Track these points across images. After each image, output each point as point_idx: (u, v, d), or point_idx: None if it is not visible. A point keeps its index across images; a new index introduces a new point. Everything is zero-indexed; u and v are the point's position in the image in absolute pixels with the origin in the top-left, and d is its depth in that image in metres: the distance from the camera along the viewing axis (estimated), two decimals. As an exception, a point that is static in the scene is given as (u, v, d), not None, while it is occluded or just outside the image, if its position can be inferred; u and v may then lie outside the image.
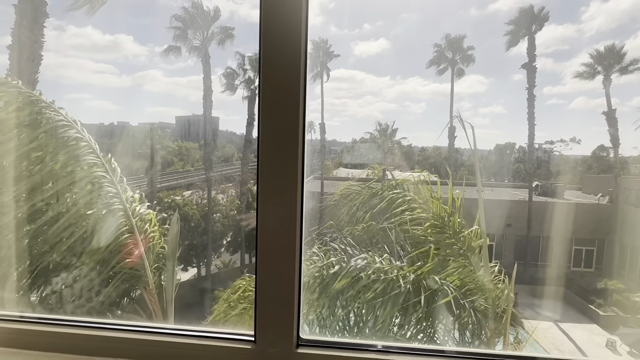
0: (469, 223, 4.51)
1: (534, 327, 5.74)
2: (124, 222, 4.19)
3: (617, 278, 16.58)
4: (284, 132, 1.33)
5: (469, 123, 4.89)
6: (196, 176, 23.22)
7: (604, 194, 19.78)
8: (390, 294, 3.85)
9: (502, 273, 4.45)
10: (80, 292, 3.91)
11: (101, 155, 4.37)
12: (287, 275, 1.39)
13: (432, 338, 4.04)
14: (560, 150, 25.86)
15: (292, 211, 1.35)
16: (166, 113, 26.73)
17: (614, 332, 13.04)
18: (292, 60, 1.31)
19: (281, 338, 1.43)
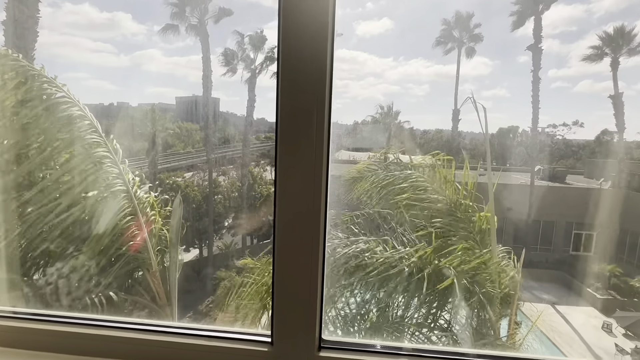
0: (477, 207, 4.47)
1: (537, 313, 5.79)
2: (126, 203, 4.14)
3: (616, 262, 16.71)
4: (307, 113, 1.17)
5: (481, 104, 4.76)
6: (197, 158, 23.11)
7: (606, 178, 19.70)
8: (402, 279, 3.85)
9: (510, 256, 4.43)
10: (83, 275, 3.90)
11: (103, 135, 4.29)
12: (308, 269, 1.25)
13: (439, 322, 4.06)
14: (563, 134, 25.63)
15: (315, 201, 1.20)
16: (166, 94, 26.38)
17: (610, 315, 13.24)
18: (318, 20, 1.12)
19: (301, 339, 1.29)
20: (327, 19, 1.13)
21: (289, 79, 1.17)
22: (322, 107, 1.17)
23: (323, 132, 1.18)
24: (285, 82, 1.17)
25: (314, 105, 1.16)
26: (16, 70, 3.92)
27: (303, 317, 1.29)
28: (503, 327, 4.26)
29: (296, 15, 1.13)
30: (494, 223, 4.27)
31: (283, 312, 1.31)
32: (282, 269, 1.28)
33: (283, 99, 1.18)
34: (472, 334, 4.01)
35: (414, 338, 4.09)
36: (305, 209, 1.21)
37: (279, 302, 1.30)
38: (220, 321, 8.96)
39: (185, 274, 14.69)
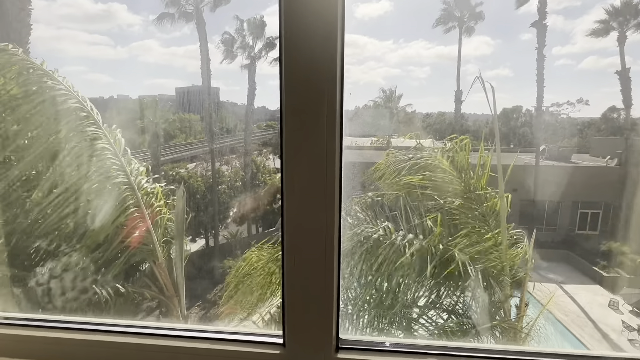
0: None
1: (545, 293, 5.79)
2: (129, 195, 4.12)
3: (622, 240, 16.66)
4: (317, 97, 1.06)
5: (490, 84, 4.66)
6: (199, 148, 23.09)
7: (612, 156, 19.47)
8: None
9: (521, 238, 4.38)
10: (87, 269, 3.91)
11: (104, 126, 4.23)
12: (322, 263, 1.13)
13: (449, 304, 4.06)
14: (568, 113, 25.27)
15: (328, 190, 1.09)
16: (165, 85, 26.20)
17: (617, 292, 13.26)
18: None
19: (316, 340, 1.17)
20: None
21: (294, 62, 1.05)
22: (333, 90, 1.05)
23: (335, 117, 1.07)
24: (290, 66, 1.06)
25: (324, 89, 1.05)
26: (16, 64, 3.85)
27: (318, 315, 1.17)
28: (512, 309, 4.27)
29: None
30: (505, 205, 4.22)
31: (295, 311, 1.19)
32: (292, 262, 1.17)
33: (288, 84, 1.06)
34: (482, 316, 4.02)
35: (422, 320, 4.11)
36: (317, 199, 1.10)
37: (289, 299, 1.18)
38: (228, 309, 9.04)
39: (193, 264, 14.84)
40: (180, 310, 4.64)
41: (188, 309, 13.29)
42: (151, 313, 11.87)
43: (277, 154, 28.57)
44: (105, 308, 3.80)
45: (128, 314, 4.27)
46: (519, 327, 4.08)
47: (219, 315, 12.74)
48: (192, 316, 12.72)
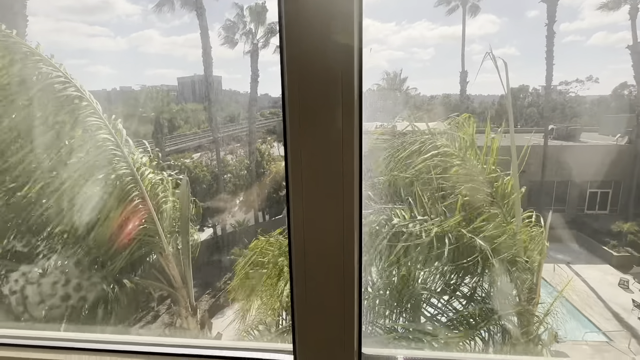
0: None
1: (557, 276, 5.70)
2: (133, 187, 4.08)
3: (632, 219, 16.46)
4: (331, 76, 0.90)
5: (502, 60, 4.49)
6: (204, 138, 23.06)
7: (622, 134, 19.09)
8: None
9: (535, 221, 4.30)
10: (93, 261, 3.91)
11: (104, 116, 4.15)
12: (340, 265, 0.95)
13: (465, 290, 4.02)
14: (576, 91, 24.71)
15: (346, 183, 0.94)
16: (167, 75, 26.06)
17: (627, 271, 13.17)
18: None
19: (334, 357, 1.01)
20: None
21: (299, 34, 0.90)
22: (351, 69, 0.90)
23: (353, 100, 0.91)
24: (295, 39, 0.90)
25: (338, 68, 0.89)
26: (8, 48, 3.74)
27: (335, 327, 0.99)
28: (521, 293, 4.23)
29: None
30: (518, 187, 4.11)
31: (307, 322, 1.01)
32: (303, 265, 0.98)
33: (292, 61, 0.91)
34: (499, 302, 3.97)
35: (437, 305, 4.08)
36: (332, 195, 0.95)
37: (300, 308, 1.00)
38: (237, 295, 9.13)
39: (201, 253, 14.98)
40: (189, 301, 4.67)
41: (198, 297, 13.50)
42: (160, 304, 12.07)
43: (281, 141, 28.47)
44: (113, 303, 3.81)
45: (136, 307, 4.29)
46: (534, 311, 4.04)
47: (228, 303, 12.92)
48: (202, 304, 12.92)
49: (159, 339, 1.27)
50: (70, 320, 3.82)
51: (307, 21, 0.89)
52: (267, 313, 4.63)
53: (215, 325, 9.66)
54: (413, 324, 4.06)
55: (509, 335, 3.95)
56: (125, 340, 1.25)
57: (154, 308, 12.16)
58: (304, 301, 1.00)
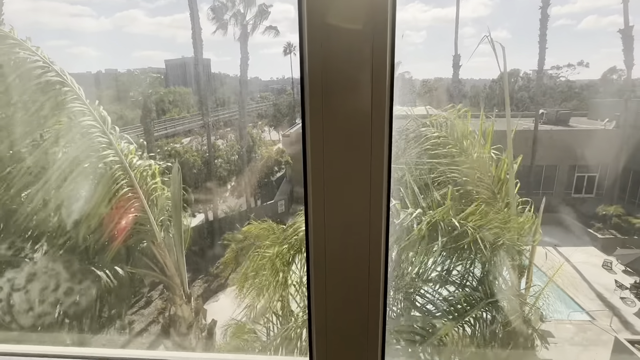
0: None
1: (552, 264, 5.82)
2: (121, 175, 3.96)
3: (617, 202, 16.85)
4: (358, 52, 0.79)
5: (500, 43, 4.43)
6: (193, 122, 22.67)
7: (610, 118, 19.32)
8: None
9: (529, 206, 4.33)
10: (83, 251, 3.83)
11: (87, 102, 3.98)
12: (365, 274, 0.87)
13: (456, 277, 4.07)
14: (567, 76, 24.82)
15: (374, 188, 0.83)
16: (154, 57, 25.38)
17: (611, 253, 13.55)
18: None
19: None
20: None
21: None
22: (383, 46, 0.79)
23: (385, 83, 0.80)
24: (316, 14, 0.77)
25: (368, 43, 0.78)
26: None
27: (357, 345, 0.92)
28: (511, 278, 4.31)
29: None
30: (513, 173, 4.12)
31: (326, 339, 0.93)
32: (323, 273, 0.89)
33: (313, 41, 0.79)
34: (490, 288, 4.04)
35: (428, 294, 4.14)
36: (359, 188, 0.84)
37: (318, 323, 0.92)
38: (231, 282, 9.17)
39: (193, 239, 14.94)
40: (183, 289, 4.66)
41: (190, 282, 13.53)
42: (153, 290, 12.07)
43: (272, 125, 28.15)
44: (105, 292, 3.78)
45: (128, 297, 4.26)
46: (526, 296, 4.13)
47: (222, 287, 12.98)
48: (194, 289, 12.96)
49: (167, 354, 1.17)
50: (60, 314, 3.77)
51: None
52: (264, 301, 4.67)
53: (209, 311, 9.69)
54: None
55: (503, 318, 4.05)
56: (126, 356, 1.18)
57: (146, 296, 12.17)
58: (322, 313, 0.92)
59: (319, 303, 0.91)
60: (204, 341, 4.90)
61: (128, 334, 10.58)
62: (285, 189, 19.81)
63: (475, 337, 4.04)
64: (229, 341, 4.75)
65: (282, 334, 4.48)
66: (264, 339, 4.73)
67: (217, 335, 5.18)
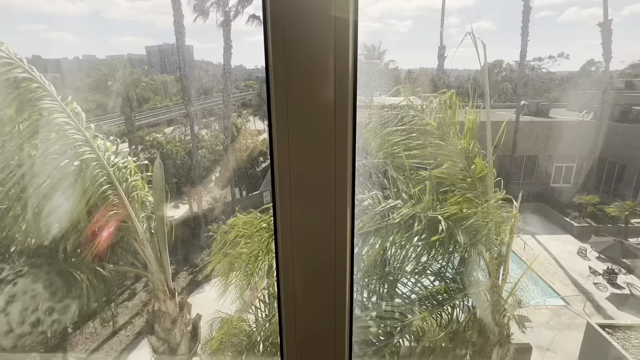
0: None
1: (530, 251, 6.00)
2: (99, 173, 3.85)
3: (593, 192, 17.45)
4: (321, 40, 0.77)
5: (481, 41, 4.46)
6: (176, 111, 22.19)
7: (588, 110, 19.86)
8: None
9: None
10: (63, 252, 3.75)
11: (59, 98, 3.81)
12: (331, 277, 0.89)
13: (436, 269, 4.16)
14: (548, 67, 25.30)
15: (339, 179, 0.83)
16: (134, 43, 24.61)
17: (585, 241, 14.07)
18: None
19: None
20: None
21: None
22: (345, 36, 0.77)
23: (347, 66, 0.79)
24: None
25: (331, 36, 0.77)
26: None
27: (324, 352, 0.95)
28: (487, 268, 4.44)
29: None
30: (492, 167, 4.19)
31: (295, 343, 0.96)
32: (291, 287, 0.90)
33: (276, 30, 0.78)
34: (469, 278, 4.15)
35: (409, 284, 4.23)
36: (324, 189, 0.84)
37: (289, 332, 0.94)
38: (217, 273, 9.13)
39: (177, 230, 14.79)
40: (167, 285, 4.63)
41: (175, 275, 13.44)
42: (135, 292, 11.93)
43: (257, 115, 27.84)
44: (84, 292, 3.70)
45: (110, 295, 4.21)
46: (502, 287, 4.27)
47: (207, 279, 12.94)
48: (179, 281, 12.89)
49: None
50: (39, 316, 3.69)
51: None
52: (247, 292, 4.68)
53: (194, 301, 9.64)
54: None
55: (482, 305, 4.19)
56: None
57: (129, 292, 12.04)
58: (291, 319, 0.94)
59: (288, 295, 0.93)
60: (189, 336, 4.91)
61: (112, 327, 10.49)
62: (271, 180, 19.74)
63: (454, 323, 4.17)
64: (215, 335, 4.79)
65: (266, 323, 4.53)
66: (251, 328, 4.77)
67: (203, 329, 5.20)
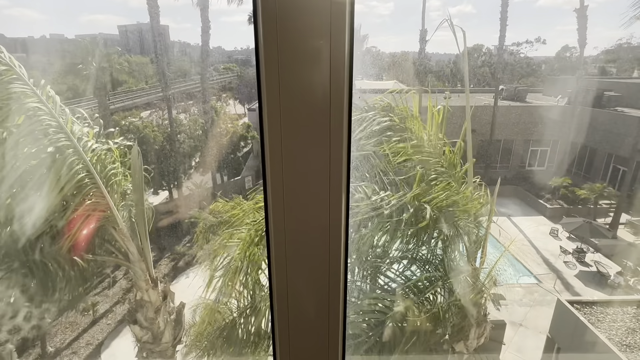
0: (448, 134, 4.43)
1: (505, 233, 6.20)
2: (75, 160, 3.68)
3: (566, 175, 18.14)
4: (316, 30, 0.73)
5: (460, 28, 4.46)
6: (153, 94, 21.42)
7: (563, 95, 20.42)
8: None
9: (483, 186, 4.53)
10: (40, 242, 3.61)
11: (31, 81, 3.59)
12: (325, 271, 0.88)
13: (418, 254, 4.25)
14: (526, 52, 25.73)
15: (334, 173, 0.81)
16: (105, 22, 23.45)
17: (557, 221, 14.70)
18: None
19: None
20: None
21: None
22: (342, 12, 0.73)
23: (343, 57, 0.76)
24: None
25: (327, 18, 0.73)
26: None
27: (317, 341, 0.94)
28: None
29: None
30: (470, 152, 4.26)
31: (288, 335, 0.95)
32: (284, 279, 0.90)
33: (267, 11, 0.73)
34: (449, 264, 4.28)
35: (390, 273, 4.32)
36: (319, 185, 0.82)
37: (282, 325, 0.94)
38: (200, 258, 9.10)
39: (158, 217, 14.54)
40: (149, 274, 4.55)
41: (157, 262, 13.28)
42: (116, 280, 11.73)
43: (237, 99, 27.25)
44: (59, 284, 3.59)
45: (88, 285, 4.11)
46: (480, 270, 4.43)
47: (190, 264, 12.87)
48: (161, 268, 12.76)
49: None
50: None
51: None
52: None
53: (177, 288, 9.58)
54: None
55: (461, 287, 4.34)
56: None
57: (110, 280, 11.83)
58: (284, 310, 0.93)
59: (281, 296, 0.91)
60: (173, 324, 4.89)
61: (92, 315, 10.34)
62: (252, 165, 19.54)
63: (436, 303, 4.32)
64: (198, 320, 4.79)
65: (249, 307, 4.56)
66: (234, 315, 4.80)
67: (186, 316, 5.19)
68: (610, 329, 7.00)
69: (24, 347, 8.96)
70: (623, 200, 15.03)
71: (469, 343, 4.86)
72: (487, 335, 5.08)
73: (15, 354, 6.13)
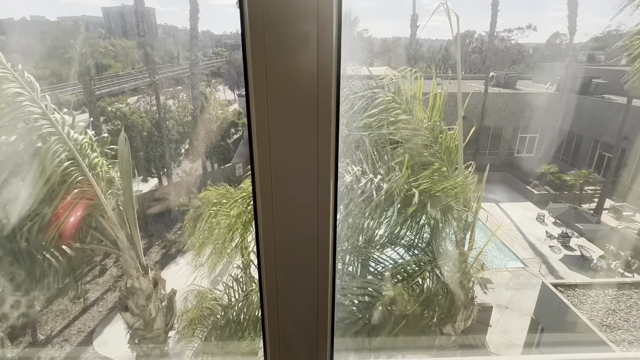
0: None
1: (493, 218, 6.31)
2: (60, 148, 3.59)
3: (552, 161, 18.43)
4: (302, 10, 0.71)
5: (454, 12, 4.42)
6: (140, 79, 20.94)
7: (552, 82, 20.57)
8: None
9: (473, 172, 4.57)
10: (29, 232, 3.55)
11: (9, 65, 3.46)
12: (314, 266, 0.89)
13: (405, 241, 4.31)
14: (517, 39, 25.74)
15: (322, 164, 0.81)
16: (88, 4, 22.64)
17: (544, 207, 15.00)
18: None
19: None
20: None
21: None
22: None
23: (331, 39, 0.74)
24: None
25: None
26: None
27: (306, 337, 0.96)
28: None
29: None
30: (461, 137, 4.29)
31: (277, 332, 0.96)
32: (274, 273, 0.90)
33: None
34: (438, 248, 4.35)
35: (381, 258, 4.39)
36: (304, 173, 0.82)
37: (271, 316, 0.95)
38: (190, 246, 9.08)
39: (148, 205, 14.42)
40: (139, 262, 4.53)
41: (147, 249, 13.23)
42: (106, 268, 11.67)
43: (227, 84, 26.83)
44: (47, 273, 3.55)
45: (77, 274, 4.08)
46: (468, 254, 4.53)
47: (180, 252, 12.85)
48: (152, 255, 12.72)
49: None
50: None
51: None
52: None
53: (168, 275, 9.60)
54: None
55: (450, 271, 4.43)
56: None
57: (100, 268, 11.77)
58: (274, 305, 0.94)
59: (270, 291, 0.92)
60: (164, 311, 4.91)
61: (83, 303, 10.32)
62: (243, 151, 19.39)
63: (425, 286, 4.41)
64: (190, 307, 4.82)
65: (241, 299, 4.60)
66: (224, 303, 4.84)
67: (178, 304, 5.22)
68: (591, 310, 7.25)
69: (14, 334, 8.93)
70: (607, 186, 15.37)
71: (456, 325, 5.00)
72: (474, 318, 5.22)
73: (6, 342, 6.11)
